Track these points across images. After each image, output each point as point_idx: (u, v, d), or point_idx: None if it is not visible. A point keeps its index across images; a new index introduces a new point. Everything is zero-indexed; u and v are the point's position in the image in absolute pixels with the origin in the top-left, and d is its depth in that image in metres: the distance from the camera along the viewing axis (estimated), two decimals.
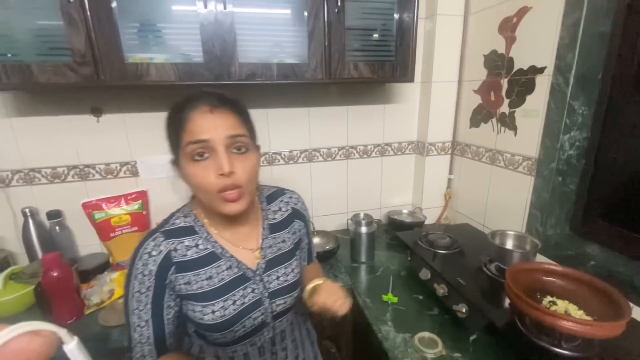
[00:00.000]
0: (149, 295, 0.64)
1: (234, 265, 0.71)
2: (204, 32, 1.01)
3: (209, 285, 0.67)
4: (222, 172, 0.60)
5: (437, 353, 0.84)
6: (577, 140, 1.04)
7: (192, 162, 0.62)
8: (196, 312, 0.67)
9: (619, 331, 0.66)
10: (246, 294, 0.70)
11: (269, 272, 0.74)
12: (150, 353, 0.66)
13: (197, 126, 0.60)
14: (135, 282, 0.64)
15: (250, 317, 0.70)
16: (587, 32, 0.95)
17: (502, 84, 1.24)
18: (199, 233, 0.70)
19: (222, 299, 0.68)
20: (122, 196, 1.27)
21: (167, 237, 0.67)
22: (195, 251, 0.68)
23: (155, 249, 0.65)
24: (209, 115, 0.61)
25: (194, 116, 0.61)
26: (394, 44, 1.21)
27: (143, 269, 0.64)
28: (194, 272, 0.67)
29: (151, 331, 0.65)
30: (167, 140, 0.68)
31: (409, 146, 1.63)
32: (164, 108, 1.23)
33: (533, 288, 0.84)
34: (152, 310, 0.65)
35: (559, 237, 1.12)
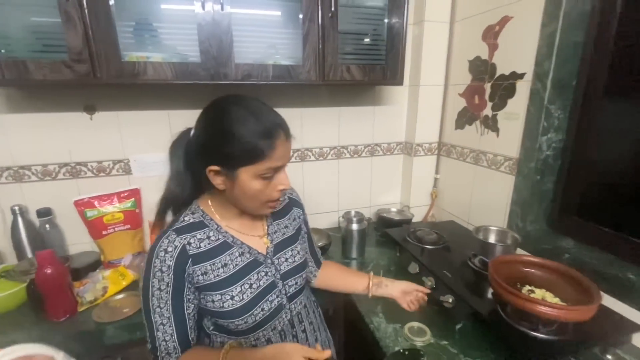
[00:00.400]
0: (169, 292, 0.66)
1: (246, 252, 0.75)
2: (202, 32, 1.03)
3: (225, 272, 0.71)
4: (285, 187, 0.71)
5: (425, 341, 0.89)
6: (553, 141, 1.11)
7: (260, 179, 0.67)
8: (216, 302, 0.70)
9: (590, 314, 0.73)
10: (260, 277, 0.75)
11: (278, 255, 0.80)
12: (175, 350, 0.68)
13: (279, 155, 0.66)
14: (154, 280, 0.66)
15: (267, 300, 0.74)
16: (563, 42, 1.03)
17: (486, 89, 1.31)
18: (209, 226, 0.73)
19: (240, 284, 0.71)
20: (114, 194, 1.27)
21: (179, 233, 0.69)
22: (207, 242, 0.71)
23: (171, 245, 0.67)
24: (287, 144, 0.68)
25: (279, 145, 0.65)
26: (384, 48, 1.26)
27: (161, 266, 0.66)
28: (210, 262, 0.70)
29: (173, 327, 0.67)
30: (221, 155, 0.65)
31: (397, 147, 1.68)
32: (157, 106, 1.27)
33: (514, 278, 0.90)
34: (172, 307, 0.67)
35: (537, 232, 1.19)
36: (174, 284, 0.67)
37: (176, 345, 0.68)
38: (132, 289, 1.14)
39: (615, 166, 1.03)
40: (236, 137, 0.63)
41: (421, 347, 0.88)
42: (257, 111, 0.65)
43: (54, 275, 0.96)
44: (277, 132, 0.65)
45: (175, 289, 0.67)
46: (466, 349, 0.87)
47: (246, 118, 0.64)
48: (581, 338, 0.79)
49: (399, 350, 0.84)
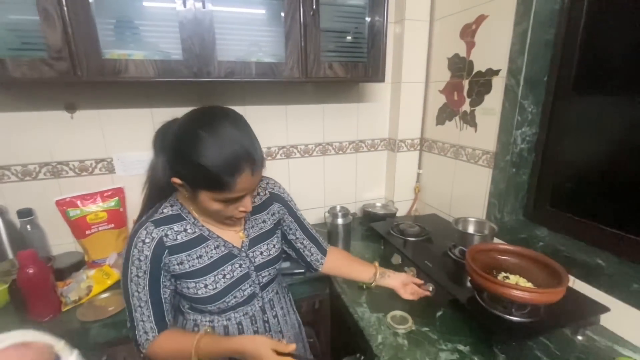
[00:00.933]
0: (146, 279, 0.70)
1: (221, 245, 0.78)
2: (183, 30, 1.03)
3: (200, 263, 0.75)
4: (246, 210, 0.72)
5: (407, 328, 0.92)
6: (527, 135, 1.16)
7: (220, 203, 0.68)
8: (190, 289, 0.74)
9: (558, 297, 0.77)
10: (234, 268, 0.79)
11: (253, 249, 0.83)
12: (152, 329, 0.72)
13: (240, 188, 0.66)
14: (132, 267, 0.70)
15: (240, 289, 0.80)
16: (534, 40, 1.07)
17: (464, 85, 1.35)
18: (187, 219, 0.76)
19: (213, 274, 0.76)
20: (97, 193, 1.26)
21: (157, 225, 0.72)
22: (184, 235, 0.74)
23: (148, 237, 0.70)
24: (251, 179, 0.67)
25: (239, 181, 0.65)
26: (366, 46, 1.29)
27: (139, 255, 0.69)
28: (185, 253, 0.74)
29: (150, 310, 0.72)
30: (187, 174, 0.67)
31: (381, 143, 1.72)
32: (140, 104, 1.27)
33: (490, 266, 0.94)
34: (149, 292, 0.71)
35: (514, 222, 1.24)
36: (151, 272, 0.71)
37: (153, 325, 0.72)
38: (117, 287, 1.13)
39: (585, 158, 1.08)
40: (200, 165, 0.62)
41: (403, 334, 0.91)
42: (225, 142, 0.63)
43: (36, 275, 0.95)
44: (241, 168, 0.64)
45: (152, 276, 0.71)
46: (446, 335, 0.90)
47: (212, 149, 0.62)
48: (552, 320, 0.83)
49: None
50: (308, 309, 1.25)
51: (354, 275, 1.01)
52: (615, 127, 0.98)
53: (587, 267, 0.96)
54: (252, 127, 0.71)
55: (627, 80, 0.94)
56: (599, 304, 0.89)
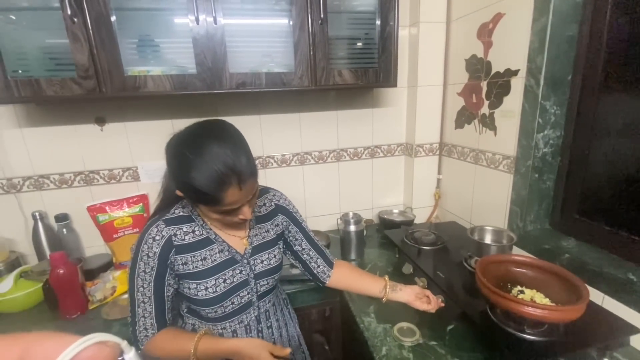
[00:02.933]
0: (152, 275, 0.75)
1: (225, 249, 0.82)
2: (197, 45, 1.09)
3: (203, 265, 0.79)
4: (245, 218, 0.75)
5: (414, 341, 0.89)
6: (550, 138, 1.09)
7: (217, 213, 0.73)
8: (191, 289, 0.78)
9: (576, 315, 0.71)
10: (235, 274, 0.82)
11: (255, 257, 0.86)
12: (152, 326, 0.76)
13: (230, 201, 0.68)
14: (140, 263, 0.74)
15: (238, 295, 0.82)
16: (554, 36, 1.00)
17: (482, 87, 1.29)
18: (196, 221, 0.81)
19: (214, 277, 0.79)
20: (124, 200, 1.35)
21: (168, 224, 0.77)
22: (192, 236, 0.79)
23: (159, 234, 0.75)
24: (239, 192, 0.68)
25: (225, 196, 0.67)
26: (376, 51, 1.27)
27: (148, 252, 0.74)
28: (191, 254, 0.78)
29: (153, 306, 0.75)
30: (179, 183, 0.71)
31: (398, 148, 1.68)
32: (162, 116, 1.35)
33: (504, 279, 0.89)
34: (154, 288, 0.75)
35: (538, 231, 1.16)
36: (157, 269, 0.75)
37: (153, 322, 0.76)
38: None
39: (617, 163, 0.98)
40: (189, 184, 0.66)
41: (409, 347, 0.88)
42: (208, 161, 0.65)
43: (66, 275, 1.04)
44: (226, 184, 0.66)
45: (158, 273, 0.75)
46: (455, 350, 0.86)
47: (197, 169, 0.65)
48: (572, 340, 0.76)
49: None
50: (319, 316, 1.25)
51: (363, 290, 0.99)
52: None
53: (617, 282, 0.88)
54: (266, 135, 0.76)
55: None
56: (627, 323, 0.80)
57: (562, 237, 1.10)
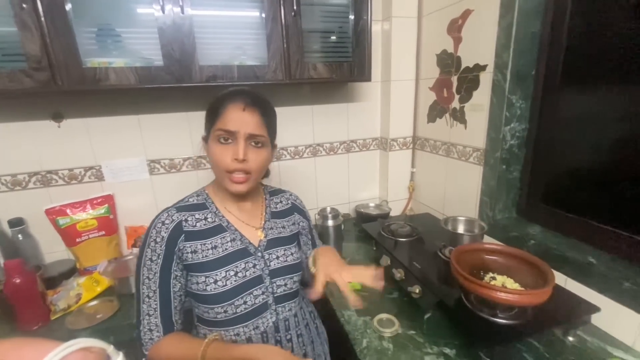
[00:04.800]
0: (159, 264, 0.71)
1: (238, 239, 0.78)
2: (163, 36, 1.03)
3: (213, 254, 0.74)
4: (236, 157, 0.72)
5: (393, 332, 0.91)
6: (517, 131, 1.14)
7: (217, 143, 0.73)
8: (200, 284, 0.72)
9: (543, 298, 0.75)
10: (248, 267, 0.76)
11: (270, 251, 0.81)
12: (157, 327, 0.70)
13: (229, 118, 0.71)
14: (147, 250, 0.71)
15: (252, 294, 0.76)
16: (519, 33, 1.05)
17: (453, 81, 1.33)
18: (209, 208, 0.78)
19: (224, 269, 0.74)
20: (87, 201, 1.27)
21: (180, 210, 0.75)
22: (203, 223, 0.76)
23: (168, 219, 0.73)
24: (240, 112, 0.72)
25: (229, 109, 0.72)
26: (350, 45, 1.27)
27: (156, 237, 0.71)
28: (200, 242, 0.74)
29: (158, 302, 0.70)
30: (205, 120, 0.78)
31: (373, 142, 1.70)
32: (127, 111, 1.27)
33: (477, 266, 0.92)
34: (159, 279, 0.70)
35: (506, 220, 1.21)
36: (164, 256, 0.70)
37: (159, 322, 0.70)
38: (107, 294, 1.14)
39: (578, 153, 1.05)
40: (210, 105, 0.75)
41: (389, 338, 0.89)
42: (236, 88, 0.76)
43: (23, 284, 0.96)
44: (234, 98, 0.72)
45: (165, 261, 0.71)
46: (433, 338, 0.89)
47: (223, 93, 0.75)
48: (540, 321, 0.81)
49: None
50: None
51: None
52: (607, 120, 0.94)
53: (578, 265, 0.94)
54: None
55: (618, 71, 0.90)
56: (589, 303, 0.86)
57: (529, 225, 1.16)
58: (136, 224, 1.38)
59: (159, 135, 1.34)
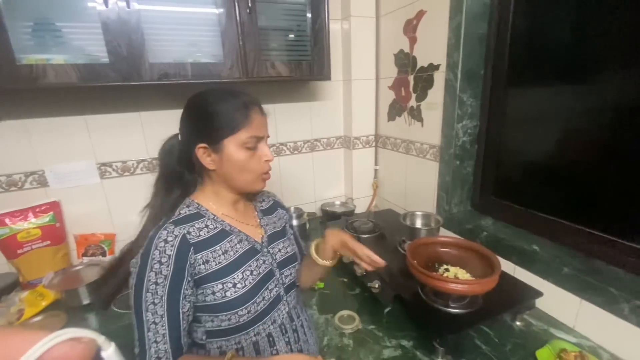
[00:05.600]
0: (166, 285, 0.64)
1: (244, 239, 0.76)
2: (107, 31, 0.98)
3: (226, 259, 0.71)
4: (269, 159, 0.74)
5: (354, 328, 0.92)
6: (468, 128, 1.19)
7: (243, 150, 0.71)
8: (217, 293, 0.68)
9: (490, 286, 0.79)
10: (259, 264, 0.76)
11: (272, 245, 0.82)
12: (165, 353, 0.63)
13: (256, 124, 0.71)
14: (151, 273, 0.63)
15: (267, 288, 0.75)
16: (468, 34, 1.09)
17: (410, 80, 1.36)
18: (206, 216, 0.74)
19: (241, 271, 0.72)
20: (29, 209, 1.17)
21: (178, 224, 0.69)
22: (207, 231, 0.71)
23: (171, 235, 0.66)
24: (261, 116, 0.73)
25: (254, 117, 0.71)
26: (309, 43, 1.27)
27: (160, 257, 0.64)
28: (210, 250, 0.70)
29: (166, 327, 0.64)
30: (203, 128, 0.71)
31: (337, 141, 1.71)
32: (72, 111, 1.19)
33: (432, 259, 0.95)
34: (168, 303, 0.64)
35: (461, 213, 1.27)
36: (173, 277, 0.64)
37: (168, 348, 0.64)
38: (53, 308, 1.06)
39: (523, 148, 1.11)
40: (218, 112, 0.69)
41: (349, 334, 0.90)
42: (233, 91, 0.72)
43: None
44: (252, 105, 0.72)
45: (173, 282, 0.64)
46: (392, 331, 0.91)
47: (224, 97, 0.71)
48: (489, 308, 0.85)
49: None
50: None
51: (312, 271, 0.86)
52: (551, 117, 1.01)
53: (524, 253, 1.00)
54: None
55: (558, 71, 0.96)
56: (533, 288, 0.91)
57: (482, 217, 1.22)
58: (87, 232, 1.29)
59: (109, 136, 1.26)
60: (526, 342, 0.85)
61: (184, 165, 0.75)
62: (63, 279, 1.14)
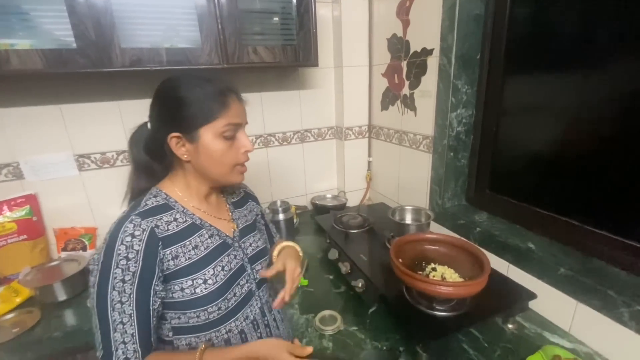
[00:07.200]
0: (134, 283, 0.59)
1: (215, 234, 0.73)
2: (73, 13, 0.91)
3: (197, 254, 0.67)
4: (248, 149, 0.70)
5: (335, 329, 0.87)
6: (463, 117, 1.11)
7: (221, 139, 0.67)
8: (186, 290, 0.65)
9: (480, 287, 0.73)
10: (230, 259, 0.73)
11: (244, 239, 0.79)
12: (134, 353, 0.59)
13: (235, 111, 0.67)
14: (117, 270, 0.59)
15: (239, 284, 0.73)
16: (463, 15, 1.01)
17: (403, 67, 1.28)
18: (175, 208, 0.69)
19: (212, 266, 0.68)
20: (3, 202, 1.13)
21: (144, 216, 0.64)
22: (176, 225, 0.67)
23: (138, 229, 0.61)
24: (239, 103, 0.69)
25: (232, 103, 0.66)
26: (294, 27, 1.19)
27: (127, 253, 0.59)
28: (180, 244, 0.66)
29: (135, 326, 0.59)
30: (176, 117, 0.65)
31: (328, 131, 1.64)
32: (46, 100, 1.14)
33: (419, 257, 0.90)
34: (137, 301, 0.60)
35: (455, 207, 1.20)
36: (142, 273, 0.60)
37: (137, 347, 0.59)
38: (28, 305, 1.03)
39: (522, 140, 1.04)
40: (192, 99, 0.64)
41: (329, 336, 0.85)
42: (208, 77, 0.67)
43: None
44: (229, 92, 0.67)
45: (142, 279, 0.60)
46: (375, 333, 0.85)
47: (198, 83, 0.65)
48: (477, 311, 0.79)
49: None
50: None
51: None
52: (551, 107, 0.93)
53: (519, 251, 0.93)
54: None
55: (561, 56, 0.88)
56: (526, 290, 0.86)
57: (476, 212, 1.15)
58: (66, 226, 1.25)
59: (87, 127, 1.21)
60: (518, 347, 0.79)
61: (154, 155, 0.71)
62: (39, 274, 1.11)
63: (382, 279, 0.93)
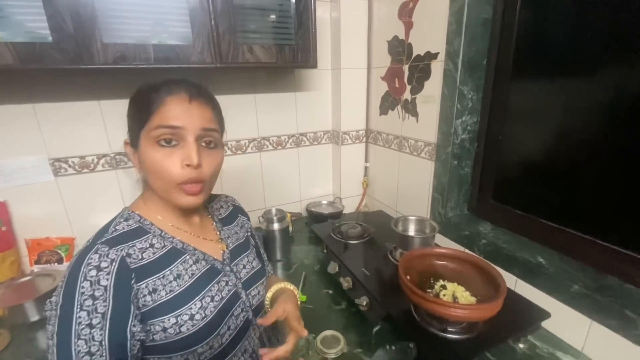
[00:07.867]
0: (105, 327, 0.48)
1: (201, 258, 0.63)
2: (49, 3, 0.82)
3: (180, 285, 0.57)
4: (189, 162, 0.56)
5: (338, 352, 0.81)
6: (468, 124, 1.07)
7: (156, 147, 0.56)
8: (169, 329, 0.54)
9: (495, 310, 0.68)
10: (222, 287, 0.63)
11: (236, 261, 0.69)
12: None
13: (172, 111, 0.56)
14: (81, 313, 0.47)
15: (233, 315, 0.63)
16: (471, 18, 0.97)
17: (404, 71, 1.24)
18: (151, 232, 0.59)
19: (199, 298, 0.58)
20: None
21: (112, 245, 0.53)
22: (152, 252, 0.57)
23: (105, 260, 0.51)
24: (186, 104, 0.57)
25: (170, 100, 0.56)
26: (292, 26, 1.12)
27: (93, 290, 0.48)
28: (158, 276, 0.55)
29: None
30: (128, 118, 0.61)
31: (324, 136, 1.58)
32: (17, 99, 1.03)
33: (427, 273, 0.84)
34: (110, 348, 0.47)
35: (458, 218, 1.16)
36: (113, 314, 0.49)
37: None
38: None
39: (528, 148, 1.00)
40: (138, 98, 0.59)
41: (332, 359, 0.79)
42: (175, 78, 0.60)
43: None
44: (171, 88, 0.57)
45: (114, 321, 0.48)
46: None
47: (158, 82, 0.59)
48: (490, 334, 0.74)
49: None
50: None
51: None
52: (560, 115, 0.90)
53: (528, 266, 0.90)
54: None
55: (569, 63, 0.85)
56: (539, 309, 0.82)
57: (480, 222, 1.11)
58: (40, 236, 1.14)
59: (64, 128, 1.11)
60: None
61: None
62: (9, 291, 1.00)
63: (388, 297, 0.87)
